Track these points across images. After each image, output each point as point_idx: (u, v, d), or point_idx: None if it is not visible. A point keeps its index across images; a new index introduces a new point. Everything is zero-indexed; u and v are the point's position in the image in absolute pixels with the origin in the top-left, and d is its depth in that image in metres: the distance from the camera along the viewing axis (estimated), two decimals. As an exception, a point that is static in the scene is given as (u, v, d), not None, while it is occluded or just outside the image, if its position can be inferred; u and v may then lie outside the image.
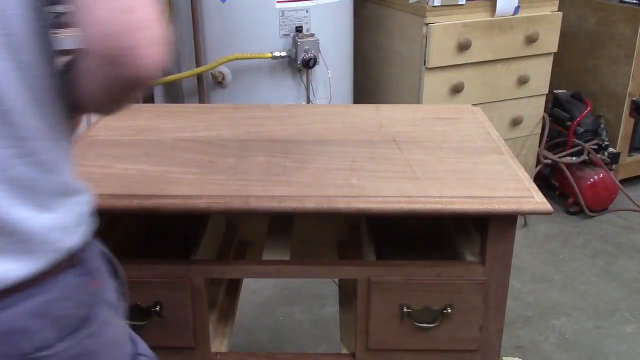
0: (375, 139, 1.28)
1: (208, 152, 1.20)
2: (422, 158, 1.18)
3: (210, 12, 2.24)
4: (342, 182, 1.08)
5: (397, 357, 1.15)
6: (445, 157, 1.19)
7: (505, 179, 1.10)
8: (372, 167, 1.15)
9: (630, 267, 2.49)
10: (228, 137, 1.28)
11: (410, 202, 1.02)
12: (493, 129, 1.36)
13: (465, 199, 1.02)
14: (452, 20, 2.32)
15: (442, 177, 1.10)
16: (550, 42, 2.53)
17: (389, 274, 1.09)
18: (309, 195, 1.04)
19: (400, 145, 1.24)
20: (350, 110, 1.50)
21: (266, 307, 2.24)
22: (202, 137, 1.28)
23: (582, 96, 2.91)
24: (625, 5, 2.78)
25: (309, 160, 1.17)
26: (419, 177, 1.10)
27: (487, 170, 1.14)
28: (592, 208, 2.85)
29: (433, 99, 2.40)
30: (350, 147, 1.24)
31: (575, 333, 2.12)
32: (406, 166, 1.15)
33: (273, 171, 1.12)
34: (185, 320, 1.11)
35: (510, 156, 1.21)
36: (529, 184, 1.09)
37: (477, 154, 1.21)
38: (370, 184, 1.07)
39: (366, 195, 1.04)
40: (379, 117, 1.41)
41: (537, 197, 1.04)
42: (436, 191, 1.05)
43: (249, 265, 1.16)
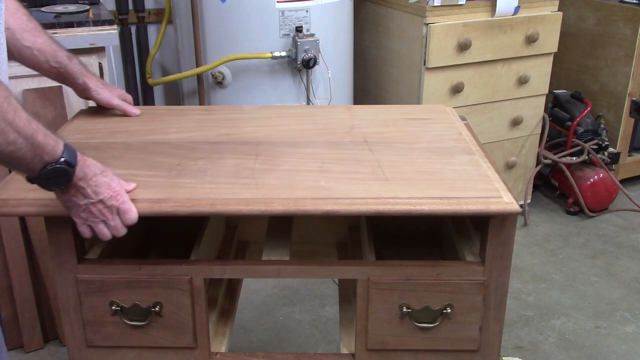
0: (346, 140, 1.27)
1: (177, 155, 1.18)
2: (392, 159, 1.18)
3: (210, 12, 2.24)
4: (311, 184, 1.07)
5: (397, 357, 1.15)
6: (416, 157, 1.19)
7: (475, 180, 1.09)
8: (342, 168, 1.14)
9: (630, 267, 2.49)
10: (198, 140, 1.26)
11: (379, 203, 1.02)
12: (465, 129, 1.34)
13: (433, 200, 1.02)
14: (452, 20, 2.32)
15: (411, 178, 1.10)
16: (550, 42, 2.53)
17: (389, 274, 1.09)
18: (277, 198, 1.03)
19: (371, 146, 1.24)
20: (323, 111, 1.49)
21: (266, 307, 2.24)
22: (172, 140, 1.26)
23: (582, 96, 2.92)
24: (625, 5, 2.78)
25: (279, 162, 1.16)
26: (389, 179, 1.09)
27: (457, 170, 1.13)
28: (592, 208, 2.85)
29: (433, 98, 2.40)
30: (321, 148, 1.23)
31: (575, 333, 2.12)
32: (376, 167, 1.14)
33: (242, 174, 1.11)
34: (185, 320, 1.11)
35: (481, 156, 1.20)
36: (498, 184, 1.08)
37: (447, 155, 1.20)
38: (339, 186, 1.07)
39: (334, 197, 1.03)
40: (352, 118, 1.40)
41: (505, 198, 1.03)
42: (405, 192, 1.04)
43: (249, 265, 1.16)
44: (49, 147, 0.91)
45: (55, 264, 1.09)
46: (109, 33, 1.87)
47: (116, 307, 1.10)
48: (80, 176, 0.96)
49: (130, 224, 1.02)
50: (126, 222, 1.01)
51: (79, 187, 0.97)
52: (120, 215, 1.01)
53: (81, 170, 0.96)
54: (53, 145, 0.92)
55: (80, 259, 1.10)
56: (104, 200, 0.99)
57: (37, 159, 0.91)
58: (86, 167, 0.97)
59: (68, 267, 1.09)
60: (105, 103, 1.35)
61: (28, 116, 0.89)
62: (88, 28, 1.86)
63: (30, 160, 0.91)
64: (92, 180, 0.98)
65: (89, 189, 0.97)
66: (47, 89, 1.84)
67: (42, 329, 2.01)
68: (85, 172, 0.97)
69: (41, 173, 0.92)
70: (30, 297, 1.94)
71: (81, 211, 0.99)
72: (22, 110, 0.88)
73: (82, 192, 0.98)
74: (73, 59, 1.29)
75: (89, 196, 0.98)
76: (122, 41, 2.68)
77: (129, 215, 1.01)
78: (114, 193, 0.99)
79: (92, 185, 0.98)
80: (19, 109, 0.88)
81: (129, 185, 1.04)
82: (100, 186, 0.98)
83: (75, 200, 0.98)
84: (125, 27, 2.71)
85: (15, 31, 1.19)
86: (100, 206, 0.99)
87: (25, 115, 0.89)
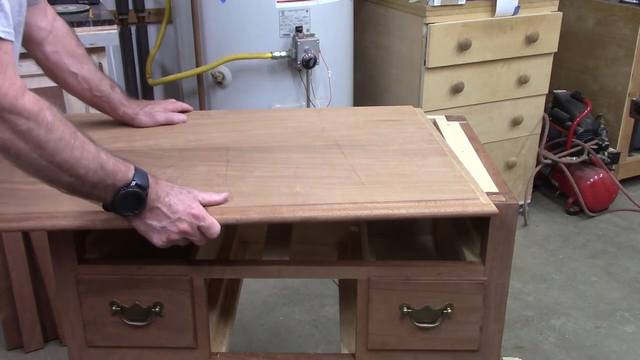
0: (318, 143, 1.26)
1: (145, 163, 1.12)
2: (366, 162, 1.16)
3: (210, 12, 2.24)
4: (286, 190, 1.05)
5: (397, 357, 1.15)
6: (389, 160, 1.17)
7: (450, 181, 1.09)
8: (316, 173, 1.12)
9: (630, 267, 2.49)
10: (166, 147, 1.24)
11: (357, 208, 1.01)
12: (435, 130, 1.34)
13: (411, 203, 1.01)
14: (452, 20, 2.32)
15: (387, 181, 1.09)
16: (550, 42, 2.53)
17: (389, 274, 1.09)
18: (252, 206, 1.01)
19: (344, 149, 1.22)
20: (292, 114, 1.48)
21: (266, 307, 2.24)
22: (138, 147, 1.23)
23: (582, 96, 2.92)
24: (625, 5, 2.78)
25: (251, 168, 1.14)
26: (364, 183, 1.08)
27: (432, 172, 1.12)
28: (592, 208, 2.85)
29: (433, 98, 2.40)
30: (293, 153, 1.21)
31: (575, 333, 2.12)
32: (351, 171, 1.12)
33: (214, 181, 1.09)
34: (185, 320, 1.11)
35: (454, 157, 1.19)
36: (474, 185, 1.07)
37: (420, 156, 1.19)
38: (315, 191, 1.05)
39: (311, 203, 1.01)
40: (321, 121, 1.38)
41: (482, 199, 1.02)
42: (382, 196, 1.03)
43: (249, 265, 1.16)
44: (120, 174, 0.93)
45: (55, 264, 1.09)
46: (109, 33, 1.87)
47: (116, 307, 1.10)
48: (154, 197, 0.96)
49: (213, 237, 1.00)
50: (210, 237, 1.00)
51: (154, 208, 0.96)
52: (202, 231, 0.99)
53: (154, 191, 0.96)
54: (124, 171, 0.93)
55: (80, 259, 1.10)
56: (182, 219, 0.97)
57: (110, 187, 0.92)
58: (159, 187, 0.97)
59: (68, 267, 1.09)
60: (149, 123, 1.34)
61: (97, 148, 0.91)
62: (88, 28, 1.86)
63: (102, 188, 0.92)
64: (166, 199, 0.97)
65: (164, 208, 0.97)
66: (47, 89, 1.84)
67: (42, 329, 2.01)
68: (157, 193, 0.97)
69: (115, 199, 0.93)
70: (30, 297, 1.94)
71: (162, 234, 0.98)
72: (90, 144, 0.90)
73: (157, 214, 0.97)
74: (115, 88, 1.30)
75: (166, 216, 0.97)
76: (122, 41, 2.68)
77: (211, 231, 0.99)
78: (191, 210, 0.97)
79: (166, 204, 0.97)
80: (87, 143, 0.90)
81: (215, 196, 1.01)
82: (175, 204, 0.97)
83: (152, 223, 0.97)
84: (125, 27, 2.71)
85: (64, 55, 1.21)
86: (179, 224, 0.97)
87: (93, 148, 0.90)
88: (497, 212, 1.01)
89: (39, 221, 0.99)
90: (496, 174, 1.17)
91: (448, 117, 1.46)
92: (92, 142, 0.92)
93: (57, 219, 0.99)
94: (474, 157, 1.25)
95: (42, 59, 1.22)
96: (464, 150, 1.28)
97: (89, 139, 0.91)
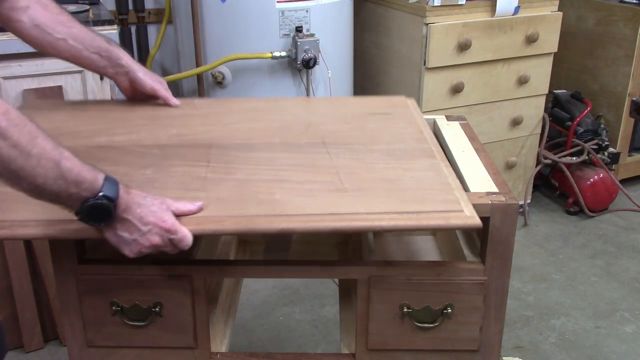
0: (303, 141, 1.21)
1: (124, 162, 1.10)
2: (351, 165, 1.12)
3: (210, 12, 2.24)
4: (264, 197, 1.01)
5: (397, 357, 1.15)
6: (375, 162, 1.13)
7: (435, 189, 1.04)
8: (298, 177, 1.08)
9: (630, 267, 2.49)
10: (147, 143, 1.18)
11: (336, 220, 0.97)
12: (426, 126, 1.29)
13: (392, 215, 0.97)
14: (452, 20, 2.32)
15: (370, 187, 1.05)
16: (550, 42, 2.53)
17: (389, 274, 1.09)
18: (228, 216, 0.97)
19: (329, 148, 1.18)
20: (279, 105, 1.41)
21: (266, 307, 2.24)
22: (119, 143, 1.18)
23: (582, 96, 2.92)
24: (625, 5, 2.78)
25: (232, 170, 1.10)
26: (347, 189, 1.04)
27: (418, 178, 1.08)
28: (592, 208, 2.85)
29: (433, 98, 2.41)
30: (277, 152, 1.17)
31: (575, 333, 2.12)
32: (334, 175, 1.08)
33: (192, 185, 1.05)
34: (186, 320, 1.11)
35: (442, 159, 1.15)
36: (459, 193, 1.03)
37: (407, 158, 1.15)
38: (295, 199, 1.01)
39: (289, 213, 0.97)
40: (309, 113, 1.34)
41: (466, 211, 0.98)
42: (363, 206, 0.99)
43: (249, 265, 1.16)
44: (86, 184, 0.88)
45: (55, 264, 1.09)
46: (108, 33, 1.87)
47: (116, 307, 1.10)
48: (124, 208, 0.91)
49: (185, 249, 0.96)
50: (182, 249, 0.96)
51: (124, 219, 0.93)
52: (174, 244, 0.95)
53: (124, 202, 0.92)
54: (90, 180, 0.89)
55: (80, 259, 1.10)
56: (153, 231, 0.93)
57: (74, 197, 0.88)
58: (130, 198, 0.93)
59: (68, 267, 1.09)
60: (149, 90, 1.29)
61: (61, 155, 0.87)
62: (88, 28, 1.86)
63: (66, 198, 0.88)
64: (137, 211, 0.93)
65: (135, 220, 0.93)
66: (47, 89, 1.84)
67: (42, 329, 2.01)
68: (128, 204, 0.92)
69: (81, 210, 0.89)
70: (30, 297, 1.94)
71: (133, 247, 0.95)
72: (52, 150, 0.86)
73: (128, 226, 0.93)
74: (112, 43, 1.24)
75: (137, 228, 0.93)
76: (122, 41, 2.68)
77: (183, 244, 0.95)
78: (162, 223, 0.93)
79: (137, 216, 0.93)
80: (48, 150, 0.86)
81: (190, 206, 0.97)
82: (147, 217, 0.93)
83: (123, 235, 0.94)
84: (125, 27, 2.71)
85: (47, 26, 1.17)
86: (150, 237, 0.94)
87: (56, 155, 0.86)
88: (480, 225, 0.97)
89: (10, 230, 0.95)
90: (496, 174, 1.17)
91: (448, 117, 1.46)
92: (57, 149, 0.87)
93: (28, 228, 0.95)
94: (474, 157, 1.25)
95: (27, 36, 1.18)
96: (464, 150, 1.28)
97: (52, 146, 0.87)
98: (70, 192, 0.88)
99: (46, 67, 1.85)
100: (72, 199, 0.89)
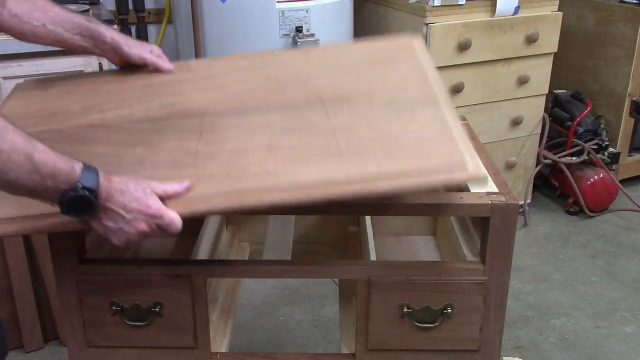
0: (300, 98, 1.14)
1: (114, 142, 1.06)
2: (349, 123, 1.05)
3: (210, 12, 2.24)
4: (256, 169, 0.96)
5: (397, 357, 1.15)
6: (374, 119, 1.07)
7: (438, 143, 0.99)
8: (292, 141, 1.02)
9: (630, 267, 2.49)
10: (139, 116, 1.12)
11: (329, 188, 0.93)
12: (431, 66, 1.21)
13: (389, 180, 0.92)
14: (452, 20, 2.32)
15: (369, 148, 0.99)
16: (550, 42, 2.53)
17: (389, 274, 1.09)
18: (217, 193, 0.94)
19: (327, 107, 1.11)
20: (276, 60, 1.32)
21: (266, 307, 2.24)
22: (111, 120, 1.12)
23: (582, 96, 2.92)
24: (625, 5, 2.78)
25: (224, 139, 1.04)
26: (342, 151, 0.98)
27: (419, 132, 1.02)
28: (592, 208, 2.85)
29: (433, 99, 2.40)
30: (272, 114, 1.10)
31: (575, 333, 2.12)
32: (330, 137, 1.02)
33: (183, 161, 1.00)
34: (186, 320, 1.11)
35: (446, 105, 1.08)
36: (463, 145, 0.98)
37: (409, 110, 1.08)
38: (287, 169, 0.96)
39: (280, 185, 0.95)
40: (308, 65, 1.26)
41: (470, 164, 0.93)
42: (360, 169, 0.94)
43: (249, 265, 1.16)
44: (62, 176, 0.86)
45: (55, 264, 1.09)
46: (109, 33, 1.87)
47: (116, 307, 1.10)
48: (105, 197, 0.89)
49: (175, 233, 0.93)
50: (171, 233, 0.93)
51: (108, 209, 0.90)
52: (162, 229, 0.92)
53: (105, 191, 0.89)
54: (67, 172, 0.86)
55: (80, 259, 1.10)
56: (138, 218, 0.91)
57: (52, 190, 0.86)
58: (111, 186, 0.89)
59: (68, 267, 1.09)
60: (138, 61, 1.24)
61: (34, 149, 0.85)
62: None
63: (42, 191, 0.86)
64: (120, 199, 0.90)
65: (118, 208, 0.90)
66: (47, 89, 1.84)
67: (42, 329, 2.01)
68: (110, 193, 0.89)
69: (61, 202, 0.87)
70: (30, 297, 1.94)
71: (120, 235, 0.92)
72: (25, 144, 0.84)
73: (111, 215, 0.90)
74: (92, 20, 1.21)
75: (121, 217, 0.90)
76: (122, 41, 2.68)
77: (171, 228, 0.92)
78: (147, 208, 0.90)
79: (120, 204, 0.90)
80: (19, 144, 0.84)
81: (177, 187, 0.94)
82: (130, 204, 0.90)
83: (108, 224, 0.91)
84: (125, 27, 2.71)
85: (24, 14, 1.15)
86: (136, 224, 0.91)
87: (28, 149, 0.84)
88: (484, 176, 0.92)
89: None
90: (496, 174, 1.17)
91: (448, 117, 1.45)
92: (29, 143, 0.85)
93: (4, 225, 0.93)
94: (474, 157, 1.25)
95: (8, 28, 1.15)
96: (464, 150, 1.28)
97: (23, 140, 0.84)
98: (47, 186, 0.85)
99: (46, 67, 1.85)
100: (49, 192, 0.86)
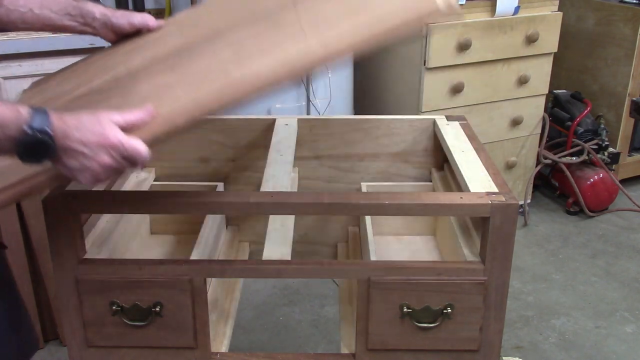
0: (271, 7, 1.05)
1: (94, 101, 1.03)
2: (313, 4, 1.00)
3: (210, 12, 2.24)
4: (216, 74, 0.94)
5: (398, 357, 1.15)
6: None
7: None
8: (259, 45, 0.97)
9: (630, 267, 2.49)
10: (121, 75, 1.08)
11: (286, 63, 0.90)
12: None
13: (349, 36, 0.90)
14: (452, 20, 2.32)
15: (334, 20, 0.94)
16: (550, 42, 2.53)
17: (389, 274, 1.09)
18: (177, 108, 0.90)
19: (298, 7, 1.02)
20: None
21: (266, 307, 2.24)
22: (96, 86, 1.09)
23: (582, 96, 2.92)
24: (625, 5, 2.78)
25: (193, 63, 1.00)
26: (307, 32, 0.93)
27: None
28: (592, 208, 2.85)
29: (433, 98, 2.40)
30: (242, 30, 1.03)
31: (575, 333, 2.12)
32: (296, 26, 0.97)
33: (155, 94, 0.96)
34: (185, 320, 1.11)
35: None
36: None
37: None
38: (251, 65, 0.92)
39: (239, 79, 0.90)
40: None
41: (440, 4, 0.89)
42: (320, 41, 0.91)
43: (249, 265, 1.16)
44: (8, 123, 0.82)
45: (55, 264, 1.09)
46: (109, 33, 1.87)
47: (116, 307, 1.10)
48: (61, 135, 0.84)
49: (145, 160, 0.89)
50: (140, 162, 0.89)
51: (66, 148, 0.85)
52: (128, 160, 0.88)
53: (60, 130, 0.84)
54: (12, 118, 0.82)
55: (80, 259, 1.10)
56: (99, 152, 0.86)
57: (4, 140, 0.83)
58: (64, 124, 0.85)
59: (68, 267, 1.09)
60: (128, 28, 1.20)
61: None
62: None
63: None
64: (76, 135, 0.85)
65: (76, 144, 0.85)
66: (47, 89, 1.84)
67: (42, 329, 2.01)
68: (64, 131, 0.85)
69: (18, 150, 0.84)
70: (30, 297, 1.94)
71: (87, 174, 0.87)
72: None
73: (71, 153, 0.86)
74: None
75: (81, 153, 0.86)
76: (122, 41, 2.68)
77: (138, 157, 0.88)
78: (105, 139, 0.86)
79: (77, 140, 0.85)
80: None
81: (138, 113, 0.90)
82: (87, 137, 0.85)
83: (70, 164, 0.87)
84: (125, 27, 2.71)
85: (10, 4, 1.12)
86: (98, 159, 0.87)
87: None
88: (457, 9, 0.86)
89: None
90: (496, 174, 1.17)
91: (448, 117, 1.46)
92: None
93: None
94: (474, 157, 1.25)
95: None
96: (464, 150, 1.28)
97: None
98: None
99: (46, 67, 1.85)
100: (3, 144, 0.83)
